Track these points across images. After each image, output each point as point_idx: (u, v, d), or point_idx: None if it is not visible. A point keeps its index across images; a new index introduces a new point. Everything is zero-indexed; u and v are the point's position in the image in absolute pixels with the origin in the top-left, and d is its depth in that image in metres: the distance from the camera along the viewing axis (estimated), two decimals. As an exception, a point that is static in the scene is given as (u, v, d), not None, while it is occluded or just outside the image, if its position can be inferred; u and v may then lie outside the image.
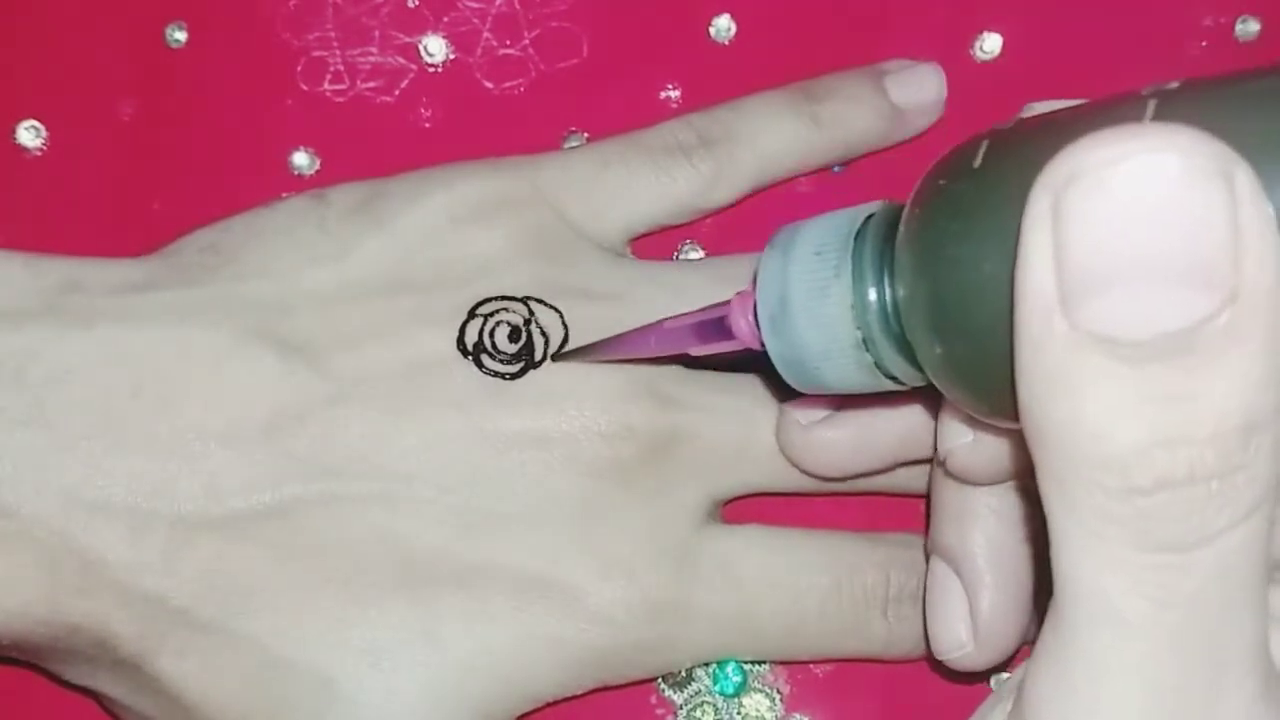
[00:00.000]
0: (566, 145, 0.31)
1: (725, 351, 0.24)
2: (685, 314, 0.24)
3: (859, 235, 0.21)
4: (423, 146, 0.31)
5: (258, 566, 0.25)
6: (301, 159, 0.31)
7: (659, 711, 0.28)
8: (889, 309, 0.21)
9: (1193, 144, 0.14)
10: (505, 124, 0.31)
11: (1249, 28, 0.31)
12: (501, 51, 0.31)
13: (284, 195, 0.29)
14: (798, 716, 0.28)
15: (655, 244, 0.30)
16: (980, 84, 0.31)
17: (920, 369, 0.21)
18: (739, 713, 0.28)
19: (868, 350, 0.21)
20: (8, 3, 0.31)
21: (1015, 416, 0.17)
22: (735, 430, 0.27)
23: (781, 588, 0.27)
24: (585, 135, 0.31)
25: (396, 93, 0.31)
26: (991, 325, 0.17)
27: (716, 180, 0.29)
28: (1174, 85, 0.17)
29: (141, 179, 0.30)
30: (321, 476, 0.25)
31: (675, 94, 0.31)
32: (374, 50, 0.31)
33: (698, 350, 0.24)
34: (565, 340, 0.27)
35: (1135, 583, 0.16)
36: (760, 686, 0.28)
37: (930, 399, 0.21)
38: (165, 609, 0.25)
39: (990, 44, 0.31)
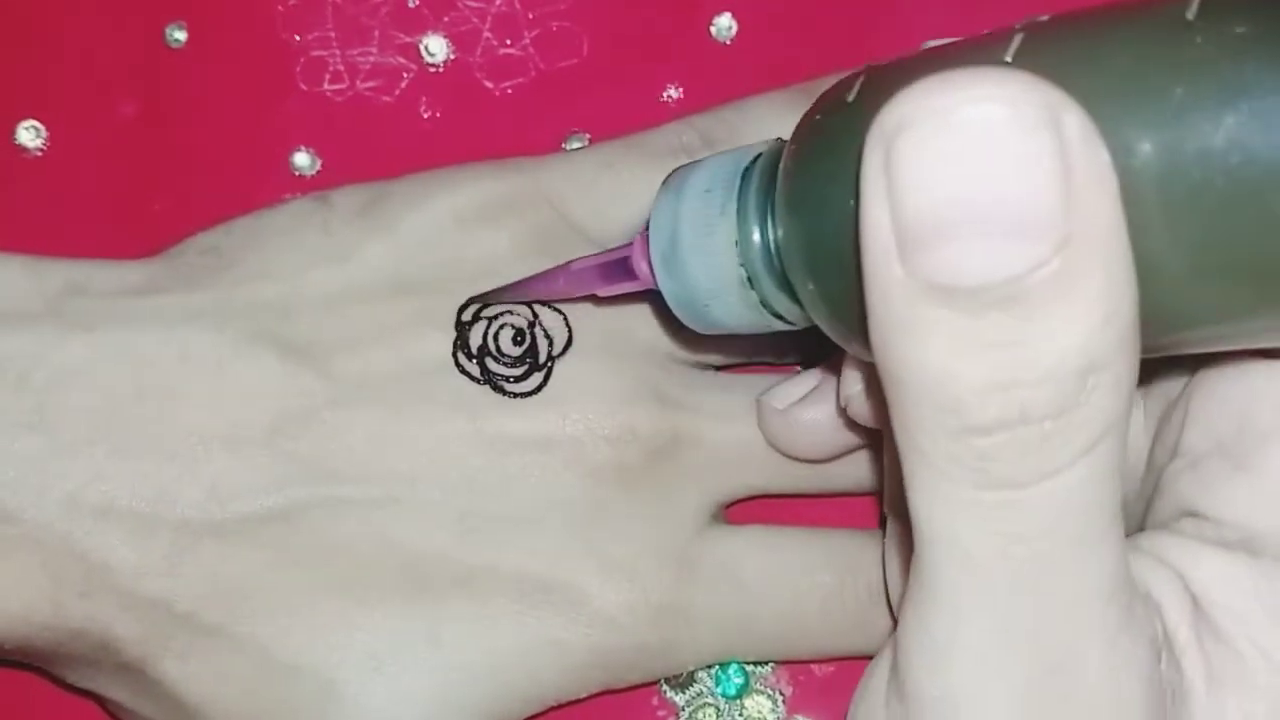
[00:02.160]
0: (568, 146, 0.31)
1: (630, 292, 0.24)
2: (592, 255, 0.25)
3: (746, 173, 0.21)
4: (423, 146, 0.31)
5: (261, 570, 0.25)
6: (302, 159, 0.31)
7: (661, 713, 0.28)
8: (771, 247, 0.21)
9: (1020, 92, 0.14)
10: (505, 123, 0.31)
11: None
12: (502, 51, 0.31)
13: (286, 196, 0.29)
14: (800, 718, 0.29)
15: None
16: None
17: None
18: (741, 714, 0.28)
19: (752, 288, 0.21)
20: (7, 2, 0.31)
21: None
22: (738, 433, 0.27)
23: (784, 588, 0.27)
24: (587, 136, 0.31)
25: (396, 92, 0.31)
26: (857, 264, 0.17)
27: (719, 181, 0.29)
28: (1045, 18, 0.17)
29: (142, 179, 0.30)
30: (324, 480, 0.25)
31: (676, 93, 0.31)
32: (374, 50, 0.31)
33: (604, 291, 0.24)
34: (569, 343, 0.26)
35: (982, 521, 0.17)
36: (762, 688, 0.28)
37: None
38: (168, 613, 0.25)
39: (992, 43, 0.31)
